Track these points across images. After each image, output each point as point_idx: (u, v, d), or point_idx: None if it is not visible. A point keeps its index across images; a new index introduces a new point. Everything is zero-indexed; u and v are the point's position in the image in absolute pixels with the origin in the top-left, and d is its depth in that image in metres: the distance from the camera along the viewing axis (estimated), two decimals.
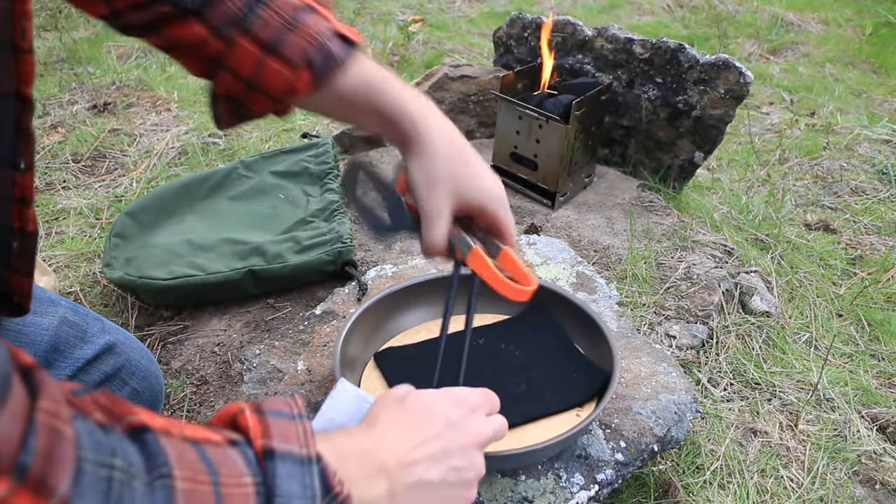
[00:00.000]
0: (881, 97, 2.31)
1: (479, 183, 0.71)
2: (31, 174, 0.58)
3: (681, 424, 0.86)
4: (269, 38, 0.65)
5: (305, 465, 0.46)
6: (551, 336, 0.93)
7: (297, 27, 0.66)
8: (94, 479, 0.36)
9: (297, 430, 0.47)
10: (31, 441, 0.34)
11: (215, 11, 0.64)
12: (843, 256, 1.46)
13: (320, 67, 0.67)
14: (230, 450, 0.44)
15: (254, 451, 0.45)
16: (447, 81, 1.69)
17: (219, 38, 0.65)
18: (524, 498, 0.75)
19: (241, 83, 0.67)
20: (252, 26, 0.65)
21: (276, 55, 0.65)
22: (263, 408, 0.48)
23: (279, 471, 0.45)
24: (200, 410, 1.00)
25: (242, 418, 0.47)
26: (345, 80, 0.68)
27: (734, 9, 3.07)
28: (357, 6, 2.92)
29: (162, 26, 0.65)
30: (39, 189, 1.59)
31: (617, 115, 1.58)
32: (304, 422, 0.48)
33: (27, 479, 0.33)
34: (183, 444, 0.42)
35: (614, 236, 1.37)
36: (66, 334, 0.79)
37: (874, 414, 1.08)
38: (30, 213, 0.60)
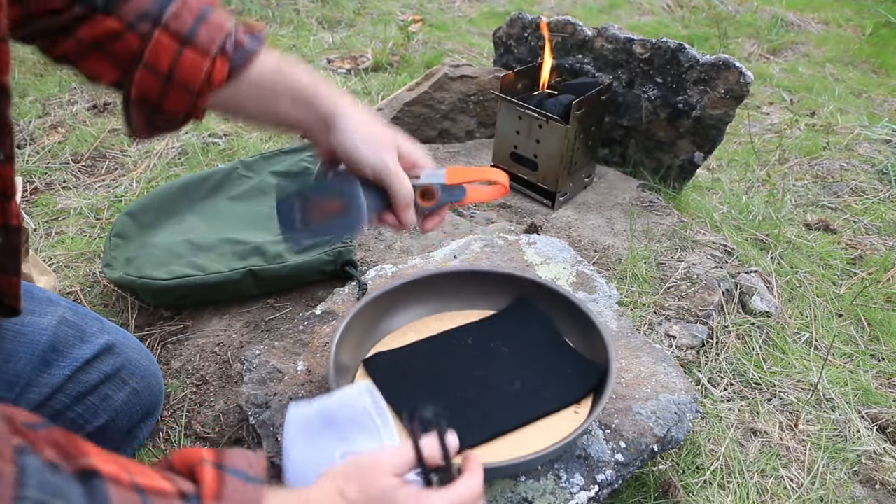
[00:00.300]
0: (881, 97, 2.31)
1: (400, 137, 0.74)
2: (10, 165, 0.57)
3: (681, 424, 0.86)
4: (183, 29, 0.66)
5: None
6: (540, 331, 0.92)
7: (207, 20, 0.67)
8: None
9: (249, 495, 0.47)
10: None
11: (127, 7, 0.65)
12: (843, 256, 1.46)
13: (235, 55, 0.68)
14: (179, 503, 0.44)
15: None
16: (447, 81, 1.69)
17: (134, 32, 0.65)
18: (524, 498, 0.75)
19: (159, 79, 0.67)
20: (165, 19, 0.66)
21: (191, 45, 0.66)
22: (225, 463, 0.48)
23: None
24: (200, 410, 1.00)
25: (200, 471, 0.47)
26: (259, 68, 0.70)
27: (734, 9, 3.07)
28: (357, 6, 2.92)
29: (76, 27, 0.65)
30: (39, 189, 1.59)
31: (617, 115, 1.58)
32: (257, 487, 0.48)
33: None
34: (130, 493, 0.41)
35: (614, 236, 1.37)
36: (65, 334, 0.79)
37: (874, 414, 1.08)
38: (12, 207, 0.59)
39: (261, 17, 2.75)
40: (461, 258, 1.14)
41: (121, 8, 0.64)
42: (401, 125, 1.68)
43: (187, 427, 0.97)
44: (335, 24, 2.77)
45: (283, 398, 0.88)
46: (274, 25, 2.70)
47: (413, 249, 1.27)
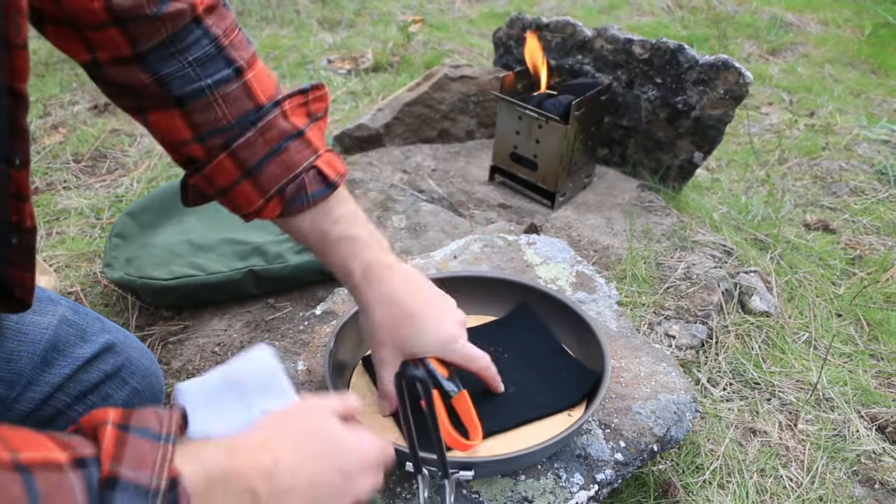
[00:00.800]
0: (880, 97, 2.31)
1: (423, 339, 0.74)
2: (26, 171, 0.58)
3: (680, 424, 0.86)
4: (250, 161, 0.67)
5: (149, 499, 0.43)
6: (539, 338, 0.92)
7: (280, 155, 0.68)
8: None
9: (154, 455, 0.44)
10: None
11: (202, 114, 0.66)
12: (843, 256, 1.47)
13: (292, 200, 0.69)
14: (70, 475, 0.41)
15: (99, 475, 0.42)
16: (447, 82, 1.69)
17: (201, 146, 0.67)
18: (524, 498, 0.75)
19: (214, 190, 0.70)
20: (236, 145, 0.67)
21: (252, 180, 0.68)
22: (130, 423, 0.45)
23: (117, 501, 0.42)
24: None
25: (101, 432, 0.44)
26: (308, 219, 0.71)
27: (734, 9, 3.07)
28: (357, 6, 2.92)
29: (146, 109, 0.66)
30: (40, 189, 1.59)
31: (616, 116, 1.58)
32: (167, 445, 0.45)
33: None
34: (9, 474, 0.39)
35: (614, 236, 1.37)
36: (65, 333, 0.79)
37: (873, 414, 1.08)
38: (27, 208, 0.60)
39: (261, 18, 2.75)
40: (461, 258, 1.14)
41: (194, 106, 0.65)
42: (401, 125, 1.68)
43: None
44: (335, 24, 2.77)
45: None
46: (274, 25, 2.70)
47: (413, 250, 1.27)
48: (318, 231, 0.72)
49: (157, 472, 0.44)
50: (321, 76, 2.26)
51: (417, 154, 1.63)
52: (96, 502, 0.41)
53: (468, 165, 1.61)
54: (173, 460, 0.45)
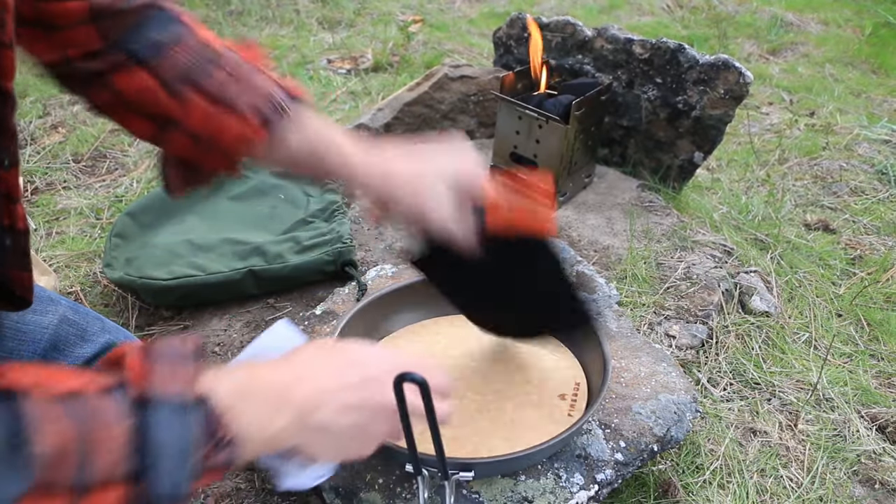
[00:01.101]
0: (880, 97, 2.31)
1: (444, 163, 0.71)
2: (15, 171, 0.57)
3: (680, 424, 0.86)
4: (222, 93, 0.66)
5: (187, 411, 0.45)
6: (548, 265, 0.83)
7: (248, 84, 0.68)
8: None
9: (181, 374, 0.46)
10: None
11: (166, 63, 0.65)
12: (843, 256, 1.47)
13: (272, 118, 0.68)
14: (105, 399, 0.43)
15: (131, 398, 0.44)
16: (447, 81, 1.69)
17: (170, 93, 0.65)
18: (524, 498, 0.75)
19: (193, 141, 0.67)
20: (203, 81, 0.66)
21: (228, 109, 0.67)
22: (151, 350, 0.47)
23: (154, 419, 0.44)
24: None
25: (125, 361, 0.46)
26: (301, 130, 0.70)
27: (734, 9, 3.07)
28: (357, 6, 2.92)
29: (112, 75, 0.64)
30: (40, 189, 1.59)
31: (617, 116, 1.58)
32: (190, 365, 0.47)
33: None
34: (49, 404, 0.41)
35: (614, 236, 1.37)
36: (66, 333, 0.79)
37: (874, 414, 1.08)
38: (18, 210, 0.59)
39: (261, 17, 2.75)
40: None
41: (159, 63, 0.64)
42: (401, 125, 1.68)
43: None
44: (335, 24, 2.77)
45: None
46: (274, 25, 2.70)
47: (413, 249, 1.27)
48: (307, 143, 0.70)
49: (187, 389, 0.46)
50: (321, 76, 2.26)
51: None
52: (132, 420, 0.43)
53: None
54: (199, 378, 0.47)
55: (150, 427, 0.43)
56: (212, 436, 0.46)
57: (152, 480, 0.43)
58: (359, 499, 0.76)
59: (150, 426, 0.43)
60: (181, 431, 0.44)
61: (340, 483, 0.78)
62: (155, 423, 0.44)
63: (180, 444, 0.44)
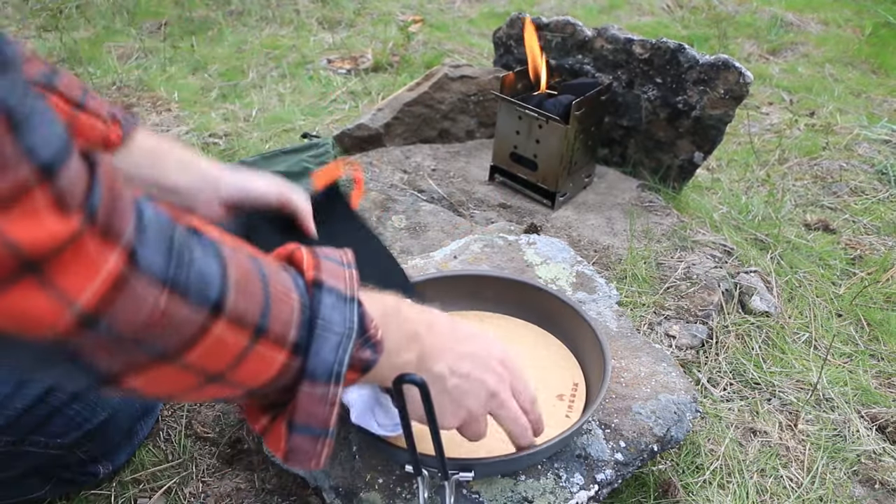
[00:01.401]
0: (880, 97, 2.31)
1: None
2: None
3: (680, 424, 0.86)
4: (75, 97, 0.71)
5: (348, 303, 0.49)
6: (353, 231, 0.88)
7: (90, 94, 0.73)
8: (157, 234, 0.39)
9: (344, 274, 0.51)
10: (96, 188, 0.36)
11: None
12: (843, 256, 1.47)
13: (124, 122, 0.74)
14: (282, 271, 0.48)
15: (304, 280, 0.49)
16: (447, 81, 1.69)
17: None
18: (524, 498, 0.75)
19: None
20: (58, 87, 0.70)
21: (85, 111, 0.71)
22: (317, 250, 0.52)
23: (324, 299, 0.48)
24: (200, 410, 1.00)
25: (297, 254, 0.51)
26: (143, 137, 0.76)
27: (734, 9, 3.07)
28: (357, 6, 2.92)
29: None
30: None
31: (617, 116, 1.58)
32: (350, 270, 0.52)
33: (95, 220, 0.35)
34: (237, 250, 0.44)
35: (614, 236, 1.37)
36: None
37: (874, 414, 1.08)
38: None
39: (261, 18, 2.75)
40: (461, 258, 1.14)
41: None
42: (401, 125, 1.68)
43: (188, 427, 0.98)
44: (335, 24, 2.77)
45: None
46: (274, 25, 2.70)
47: (413, 249, 1.27)
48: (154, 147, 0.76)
49: (349, 285, 0.50)
50: (321, 76, 2.26)
51: (417, 154, 1.63)
52: (305, 295, 0.48)
53: (468, 165, 1.61)
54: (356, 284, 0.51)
55: (319, 305, 0.47)
56: (364, 331, 0.50)
57: (312, 356, 0.47)
58: (359, 499, 0.76)
59: (320, 305, 0.47)
60: (344, 316, 0.48)
61: (340, 483, 0.78)
62: (323, 303, 0.48)
63: (342, 327, 0.48)
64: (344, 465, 0.79)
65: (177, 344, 0.40)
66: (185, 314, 0.39)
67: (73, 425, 0.79)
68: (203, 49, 2.43)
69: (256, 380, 0.45)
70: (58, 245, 0.33)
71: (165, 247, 0.38)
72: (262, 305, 0.44)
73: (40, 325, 0.34)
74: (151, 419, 0.94)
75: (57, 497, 0.86)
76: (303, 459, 0.50)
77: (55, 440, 0.78)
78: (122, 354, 0.38)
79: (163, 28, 2.58)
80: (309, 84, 2.21)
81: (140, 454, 0.93)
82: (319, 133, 1.81)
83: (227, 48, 2.45)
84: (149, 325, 0.38)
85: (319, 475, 0.80)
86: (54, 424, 0.77)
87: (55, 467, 0.82)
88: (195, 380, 0.42)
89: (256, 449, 0.91)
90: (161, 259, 0.38)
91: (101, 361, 0.38)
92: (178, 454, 0.94)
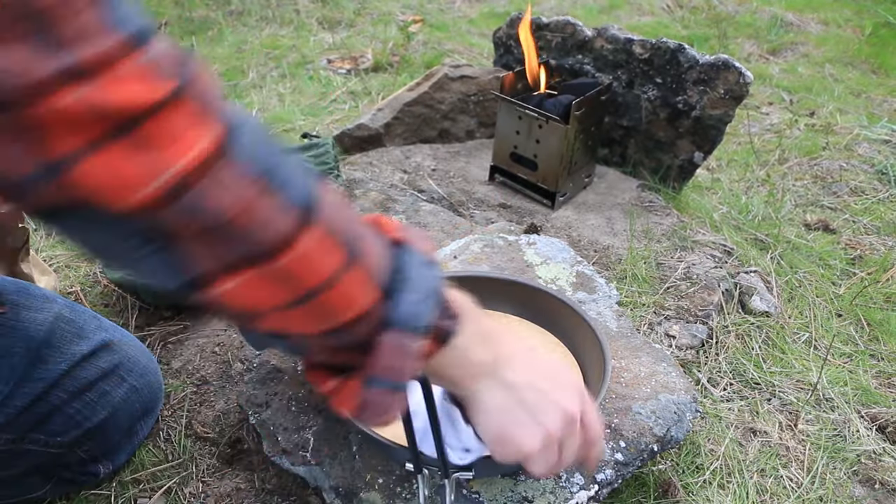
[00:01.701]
0: (881, 97, 2.31)
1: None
2: None
3: (680, 424, 0.86)
4: None
5: (431, 267, 0.48)
6: None
7: None
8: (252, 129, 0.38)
9: (427, 242, 0.50)
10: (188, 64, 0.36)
11: None
12: (843, 256, 1.47)
13: None
14: (368, 225, 0.48)
15: (389, 239, 0.48)
16: (447, 81, 1.69)
17: None
18: (524, 498, 0.75)
19: None
20: None
21: None
22: (401, 223, 0.53)
23: (408, 259, 0.47)
24: (201, 410, 1.00)
25: (381, 219, 0.50)
26: None
27: (734, 9, 3.07)
28: (357, 6, 2.92)
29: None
30: None
31: (617, 115, 1.58)
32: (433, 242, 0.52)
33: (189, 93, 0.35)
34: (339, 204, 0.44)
35: (614, 236, 1.37)
36: (61, 331, 0.79)
37: (874, 414, 1.08)
38: None
39: (261, 17, 2.75)
40: (461, 258, 1.14)
41: None
42: (401, 125, 1.68)
43: (188, 427, 0.98)
44: (335, 24, 2.77)
45: (283, 398, 0.88)
46: (274, 25, 2.70)
47: None
48: None
49: (432, 252, 0.50)
50: (321, 76, 2.26)
51: (417, 154, 1.63)
52: (390, 251, 0.47)
53: (468, 165, 1.61)
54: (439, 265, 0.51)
55: (403, 262, 0.47)
56: (444, 303, 0.49)
57: (396, 304, 0.45)
58: (359, 499, 0.76)
59: (403, 262, 0.47)
60: (428, 276, 0.47)
61: (340, 483, 0.78)
62: (407, 261, 0.47)
63: (425, 287, 0.47)
64: (344, 465, 0.79)
65: (269, 243, 0.38)
66: (277, 210, 0.38)
67: (73, 424, 0.79)
68: (203, 49, 2.43)
69: (345, 313, 0.44)
70: (150, 107, 0.33)
71: (260, 140, 0.38)
72: (354, 233, 0.43)
73: (128, 191, 0.33)
74: (151, 419, 0.94)
75: (57, 497, 0.86)
76: (376, 414, 0.48)
77: (55, 438, 0.78)
78: (212, 246, 0.37)
79: (163, 28, 2.58)
80: (309, 84, 2.21)
81: (140, 454, 0.93)
82: (319, 133, 1.81)
83: (227, 48, 2.45)
84: (239, 214, 0.37)
85: (319, 475, 0.80)
86: (54, 423, 0.77)
87: (55, 466, 0.82)
88: (286, 295, 0.41)
89: (256, 449, 0.91)
90: (255, 150, 0.37)
91: (191, 255, 0.37)
92: (178, 454, 0.94)
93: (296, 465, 0.81)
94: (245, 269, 0.39)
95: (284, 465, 0.82)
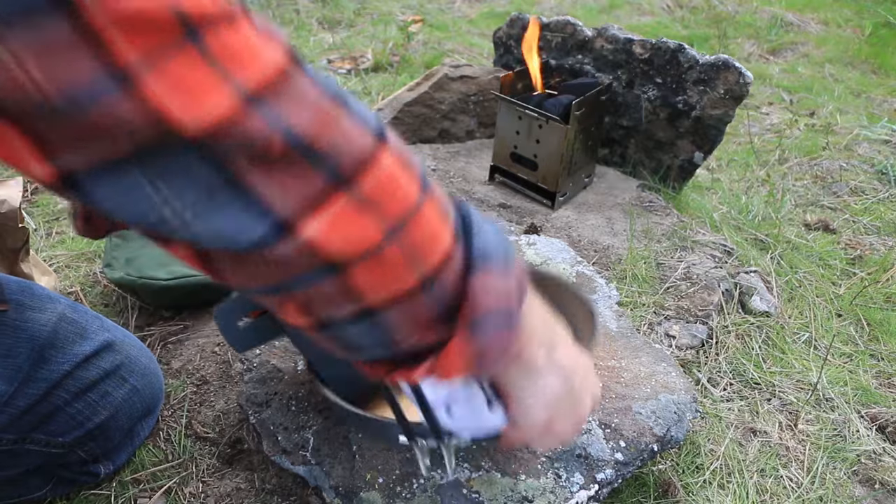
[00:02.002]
0: (880, 97, 2.31)
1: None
2: None
3: (680, 424, 0.86)
4: None
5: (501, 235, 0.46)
6: None
7: None
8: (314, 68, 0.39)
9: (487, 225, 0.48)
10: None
11: None
12: (843, 256, 1.47)
13: None
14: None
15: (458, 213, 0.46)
16: (447, 81, 1.69)
17: None
18: (524, 497, 0.75)
19: None
20: None
21: None
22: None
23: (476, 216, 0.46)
24: (201, 410, 1.00)
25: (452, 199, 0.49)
26: None
27: (734, 9, 3.07)
28: (357, 6, 2.92)
29: None
30: (40, 189, 1.59)
31: (617, 116, 1.58)
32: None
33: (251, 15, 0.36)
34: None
35: (614, 236, 1.37)
36: (64, 331, 0.79)
37: (873, 414, 1.08)
38: None
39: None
40: None
41: None
42: (401, 125, 1.68)
43: (188, 427, 0.98)
44: (335, 24, 2.77)
45: (283, 397, 0.88)
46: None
47: None
48: None
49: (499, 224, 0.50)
50: None
51: (417, 154, 1.63)
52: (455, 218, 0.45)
53: (468, 165, 1.61)
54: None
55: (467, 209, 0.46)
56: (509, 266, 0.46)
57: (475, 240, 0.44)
58: (359, 498, 0.76)
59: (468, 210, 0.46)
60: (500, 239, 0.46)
61: (340, 483, 0.78)
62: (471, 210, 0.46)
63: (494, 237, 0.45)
64: (344, 464, 0.80)
65: (349, 162, 0.37)
66: (352, 127, 0.37)
67: (75, 424, 0.79)
68: None
69: (433, 251, 0.41)
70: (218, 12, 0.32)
71: (324, 75, 0.38)
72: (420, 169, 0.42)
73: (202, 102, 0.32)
74: (152, 419, 0.94)
75: (57, 497, 0.86)
76: (498, 356, 0.46)
77: (57, 439, 0.78)
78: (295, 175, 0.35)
79: None
80: None
81: (140, 454, 0.93)
82: None
83: None
84: (319, 127, 0.36)
85: (319, 475, 0.80)
86: (56, 423, 0.77)
87: (56, 466, 0.82)
88: (376, 228, 0.38)
89: (256, 449, 0.91)
90: (323, 77, 0.37)
91: (274, 191, 0.35)
92: (178, 454, 0.94)
93: (296, 464, 0.81)
94: (331, 196, 0.37)
95: (284, 464, 0.82)
